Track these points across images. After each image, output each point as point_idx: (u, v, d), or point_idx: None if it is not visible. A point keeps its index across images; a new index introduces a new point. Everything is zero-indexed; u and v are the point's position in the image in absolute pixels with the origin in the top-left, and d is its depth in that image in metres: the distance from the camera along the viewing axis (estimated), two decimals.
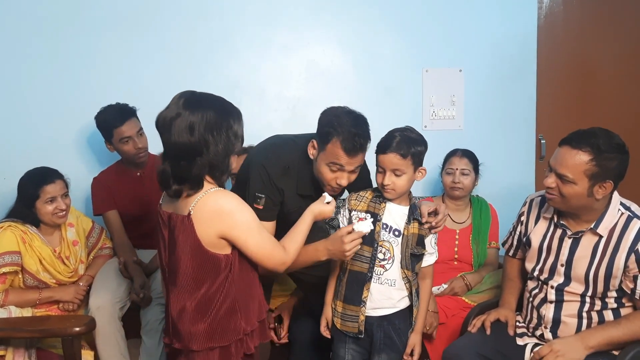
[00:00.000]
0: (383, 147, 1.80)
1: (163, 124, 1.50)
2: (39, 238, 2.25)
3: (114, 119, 2.42)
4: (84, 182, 2.60)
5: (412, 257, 1.84)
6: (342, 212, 1.95)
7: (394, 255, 1.84)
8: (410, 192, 1.90)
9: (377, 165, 1.83)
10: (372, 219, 1.80)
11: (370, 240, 1.83)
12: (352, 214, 1.89)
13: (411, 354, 1.89)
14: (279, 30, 2.88)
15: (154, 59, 2.79)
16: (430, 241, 1.88)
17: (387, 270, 1.85)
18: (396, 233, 1.84)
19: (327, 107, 1.93)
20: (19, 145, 2.70)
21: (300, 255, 1.82)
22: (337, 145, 1.81)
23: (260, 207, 1.93)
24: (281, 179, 1.96)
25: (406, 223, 1.84)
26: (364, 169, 2.06)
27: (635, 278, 1.76)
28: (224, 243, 1.53)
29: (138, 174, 2.57)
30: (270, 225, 1.97)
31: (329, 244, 1.80)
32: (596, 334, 1.78)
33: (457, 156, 2.61)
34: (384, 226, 1.85)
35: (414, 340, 1.89)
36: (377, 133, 1.91)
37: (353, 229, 1.75)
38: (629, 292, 1.79)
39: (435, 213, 1.86)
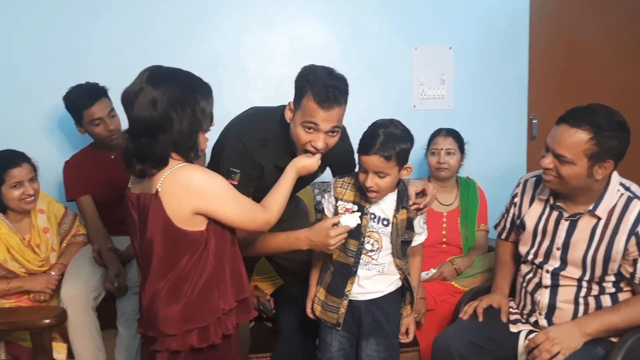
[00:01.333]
0: (365, 148, 1.67)
1: (127, 99, 1.45)
2: (6, 225, 2.14)
3: (83, 100, 2.30)
4: (56, 167, 2.48)
5: (403, 244, 1.78)
6: (327, 198, 1.86)
7: (382, 246, 1.77)
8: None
9: (360, 164, 1.71)
10: (359, 213, 1.71)
11: (357, 233, 1.75)
12: (338, 204, 1.80)
13: (406, 333, 1.87)
14: (261, 4, 2.76)
15: (130, 33, 2.66)
16: (419, 222, 1.82)
17: (374, 259, 1.78)
18: (385, 222, 1.77)
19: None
20: None
21: (281, 242, 1.76)
22: (310, 98, 1.67)
23: (235, 182, 1.80)
24: (259, 151, 1.83)
25: (395, 211, 1.75)
26: (346, 142, 1.97)
27: (635, 262, 1.69)
28: (199, 219, 1.47)
29: (112, 157, 2.45)
30: None
31: (312, 235, 1.72)
32: (594, 320, 1.71)
33: (441, 136, 2.55)
34: (372, 216, 1.77)
35: (409, 319, 1.87)
36: (364, 114, 1.81)
37: (339, 222, 1.68)
38: (628, 276, 1.72)
39: (423, 194, 1.79)
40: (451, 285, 2.38)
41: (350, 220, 1.68)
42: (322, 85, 1.67)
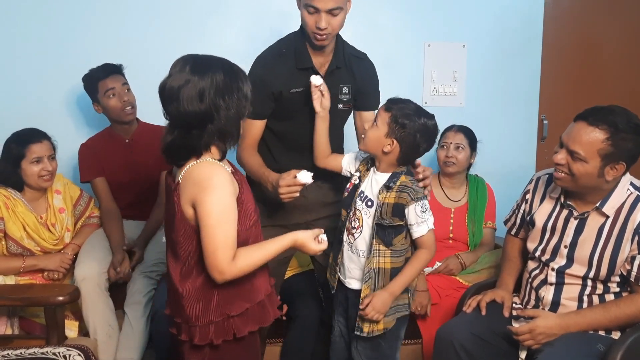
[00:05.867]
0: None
1: (170, 93, 1.41)
2: (23, 204, 2.19)
3: (98, 74, 2.39)
4: (73, 151, 2.51)
5: (379, 228, 1.75)
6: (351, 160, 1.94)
7: (362, 225, 1.79)
8: (406, 164, 1.81)
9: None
10: (312, 173, 1.76)
11: (347, 204, 1.83)
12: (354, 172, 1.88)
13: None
14: None
15: (147, 21, 2.69)
16: (414, 210, 1.72)
17: (355, 239, 1.81)
18: (369, 203, 1.79)
19: None
20: (5, 109, 2.61)
21: (254, 168, 1.89)
22: None
23: None
24: (277, 64, 1.93)
25: (378, 192, 1.76)
26: (373, 72, 2.13)
27: (632, 259, 1.71)
28: (193, 214, 1.43)
29: (127, 140, 2.49)
30: (257, 123, 1.97)
31: (274, 180, 1.80)
32: (580, 321, 1.74)
33: (452, 131, 2.57)
34: (360, 194, 1.81)
35: (376, 295, 1.73)
36: None
37: (296, 176, 1.74)
38: (625, 273, 1.73)
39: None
40: (455, 280, 2.40)
41: (304, 176, 1.73)
42: None
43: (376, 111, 1.83)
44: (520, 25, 3.00)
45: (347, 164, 1.93)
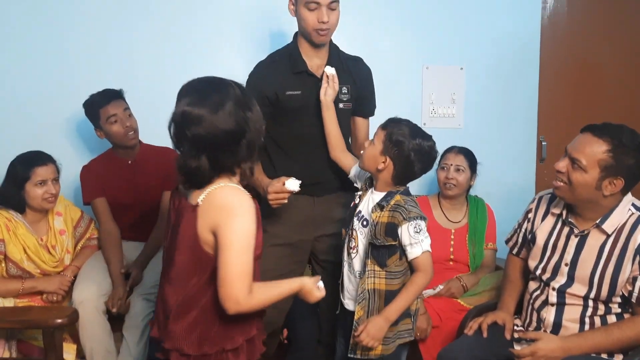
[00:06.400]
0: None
1: (191, 117, 1.38)
2: (24, 226, 2.20)
3: (99, 100, 2.40)
4: (74, 174, 2.53)
5: (373, 248, 1.74)
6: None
7: (357, 245, 1.81)
8: (402, 184, 1.82)
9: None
10: (299, 182, 1.83)
11: (346, 223, 1.86)
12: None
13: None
14: (276, 20, 2.82)
15: (149, 47, 2.74)
16: (407, 230, 1.70)
17: (352, 259, 1.83)
18: (364, 223, 1.80)
19: None
20: (7, 131, 2.65)
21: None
22: None
23: None
24: (269, 70, 2.02)
25: (371, 211, 1.77)
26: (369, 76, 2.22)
27: (634, 280, 1.71)
28: (211, 240, 1.40)
29: (129, 162, 2.50)
30: None
31: (265, 186, 1.90)
32: (582, 344, 1.73)
33: (452, 152, 2.58)
34: (358, 213, 1.83)
35: (371, 321, 1.70)
36: (374, 128, 1.89)
37: (284, 183, 1.82)
38: (626, 294, 1.73)
39: None
40: (457, 303, 2.39)
41: (292, 184, 1.81)
42: None
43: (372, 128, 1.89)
44: (517, 48, 3.04)
45: (356, 171, 1.95)
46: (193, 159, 1.40)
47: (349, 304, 1.84)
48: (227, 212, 1.37)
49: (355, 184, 1.97)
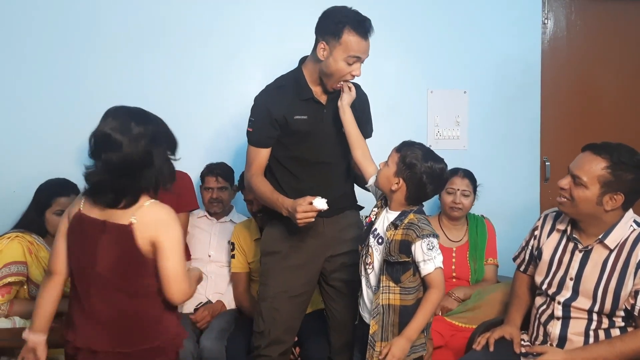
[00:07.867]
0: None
1: (110, 138, 1.56)
2: (45, 249, 2.26)
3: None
4: None
5: (387, 265, 1.80)
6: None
7: (373, 261, 1.87)
8: (415, 204, 1.87)
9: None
10: (326, 200, 1.88)
11: (362, 240, 1.92)
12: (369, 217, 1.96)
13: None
14: (286, 47, 2.90)
15: (162, 73, 2.85)
16: (420, 247, 1.76)
17: (368, 275, 1.89)
18: (379, 240, 1.87)
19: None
20: (20, 155, 2.76)
21: (268, 193, 2.01)
22: (352, 32, 1.91)
23: (250, 129, 2.07)
24: (277, 95, 2.06)
25: (386, 230, 1.83)
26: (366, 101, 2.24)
27: (636, 293, 1.76)
28: (151, 250, 1.60)
29: None
30: (263, 151, 2.08)
31: (289, 206, 1.93)
32: (586, 357, 1.77)
33: (458, 176, 2.63)
34: (374, 231, 1.89)
35: (394, 343, 1.74)
36: (381, 152, 1.97)
37: (312, 202, 1.86)
38: (629, 307, 1.78)
39: None
40: (452, 324, 2.38)
41: (319, 202, 1.87)
42: (358, 21, 1.93)
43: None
44: (519, 72, 3.12)
45: (373, 181, 1.99)
46: (103, 173, 1.59)
47: (367, 317, 1.89)
48: (166, 224, 1.61)
49: (369, 191, 2.04)
